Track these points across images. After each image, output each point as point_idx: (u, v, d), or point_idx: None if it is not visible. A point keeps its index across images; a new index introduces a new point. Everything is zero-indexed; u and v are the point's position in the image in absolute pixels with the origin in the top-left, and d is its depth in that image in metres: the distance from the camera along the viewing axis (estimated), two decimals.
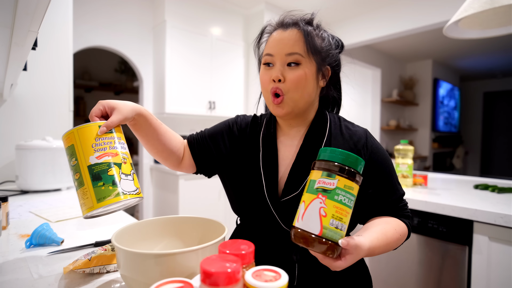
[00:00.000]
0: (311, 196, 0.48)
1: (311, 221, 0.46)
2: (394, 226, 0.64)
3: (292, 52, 0.65)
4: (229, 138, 0.77)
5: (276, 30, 0.69)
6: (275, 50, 0.66)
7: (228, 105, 3.19)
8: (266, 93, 0.69)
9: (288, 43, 0.65)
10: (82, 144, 0.52)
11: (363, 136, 0.70)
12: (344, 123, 0.74)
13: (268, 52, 0.68)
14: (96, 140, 0.53)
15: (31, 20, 0.54)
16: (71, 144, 0.52)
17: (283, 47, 0.65)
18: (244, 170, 0.72)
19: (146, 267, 0.42)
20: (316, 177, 0.49)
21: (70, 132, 0.53)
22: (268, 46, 0.69)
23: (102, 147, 0.53)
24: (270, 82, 0.67)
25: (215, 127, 0.80)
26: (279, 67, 0.66)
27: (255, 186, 0.70)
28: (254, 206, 0.71)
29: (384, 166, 0.68)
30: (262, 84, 0.69)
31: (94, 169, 0.51)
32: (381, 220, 0.65)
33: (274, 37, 0.68)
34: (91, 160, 0.51)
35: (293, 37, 0.65)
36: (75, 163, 0.52)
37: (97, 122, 0.54)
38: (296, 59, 0.65)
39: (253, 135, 0.76)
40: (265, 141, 0.73)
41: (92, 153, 0.52)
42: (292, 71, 0.65)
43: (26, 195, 1.30)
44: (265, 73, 0.68)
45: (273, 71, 0.67)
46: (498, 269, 1.05)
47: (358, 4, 3.11)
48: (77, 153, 0.52)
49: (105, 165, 0.51)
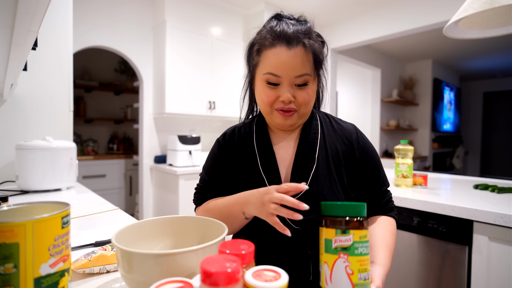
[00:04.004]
0: (332, 257, 0.49)
1: (341, 282, 0.48)
2: (389, 229, 0.70)
3: (302, 74, 0.64)
4: (222, 163, 0.76)
5: (279, 46, 0.64)
6: (283, 72, 0.64)
7: (228, 105, 3.19)
8: (268, 109, 0.68)
9: (297, 65, 0.63)
10: (36, 246, 0.35)
11: (353, 131, 0.75)
12: (333, 119, 0.78)
13: (273, 72, 0.64)
14: (56, 239, 0.37)
15: (31, 20, 0.54)
16: (14, 242, 0.34)
17: (292, 70, 0.63)
18: (247, 180, 0.72)
19: (146, 267, 0.42)
20: (331, 236, 0.50)
21: (19, 224, 0.34)
22: (272, 65, 0.64)
23: (59, 249, 0.38)
24: (276, 102, 0.66)
25: (206, 164, 0.80)
26: (287, 88, 0.64)
27: (257, 183, 0.70)
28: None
29: (374, 160, 0.74)
30: (265, 102, 0.67)
31: (43, 283, 0.36)
32: (378, 229, 0.70)
33: (279, 56, 0.63)
34: (43, 270, 0.36)
35: (301, 58, 0.63)
36: (11, 271, 0.34)
37: (60, 212, 0.38)
38: (305, 80, 0.64)
39: (245, 146, 0.75)
40: (260, 147, 0.73)
41: (46, 259, 0.36)
42: (302, 91, 0.65)
43: (26, 195, 1.30)
44: (269, 92, 0.66)
45: (281, 91, 0.65)
46: (498, 269, 1.05)
47: (358, 4, 3.11)
48: (21, 258, 0.34)
49: (57, 276, 0.38)
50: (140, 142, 2.97)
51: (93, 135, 3.91)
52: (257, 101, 0.73)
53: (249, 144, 0.75)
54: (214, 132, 3.44)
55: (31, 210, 0.42)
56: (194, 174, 2.61)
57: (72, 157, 1.47)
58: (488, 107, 6.51)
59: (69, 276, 0.40)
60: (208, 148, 3.37)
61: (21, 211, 0.42)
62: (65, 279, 0.39)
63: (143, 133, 2.93)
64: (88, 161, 3.32)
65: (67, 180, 1.44)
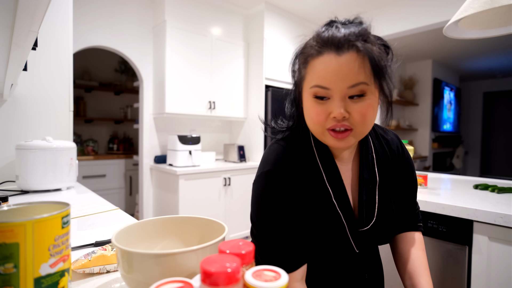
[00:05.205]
0: None
1: None
2: (422, 247, 0.73)
3: (356, 84, 0.52)
4: (292, 203, 0.60)
5: (326, 53, 0.54)
6: (332, 83, 0.53)
7: (228, 105, 3.19)
8: (320, 129, 0.57)
9: (350, 73, 0.52)
10: (36, 246, 0.35)
11: (398, 144, 0.73)
12: (378, 131, 0.72)
13: (321, 85, 0.54)
14: (56, 239, 0.37)
15: (31, 20, 0.54)
16: (14, 242, 0.34)
17: (344, 79, 0.52)
18: (321, 214, 0.62)
19: (146, 267, 0.42)
20: None
21: (19, 224, 0.34)
22: (319, 77, 0.54)
23: (59, 249, 0.38)
24: (327, 119, 0.55)
25: (273, 214, 0.59)
26: (339, 102, 0.54)
27: (332, 219, 0.62)
28: (331, 239, 0.62)
29: (413, 174, 0.74)
30: (314, 120, 0.57)
31: (43, 283, 0.36)
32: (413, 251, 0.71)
33: (327, 65, 0.53)
34: (43, 270, 0.36)
35: (355, 64, 0.52)
36: (11, 271, 0.34)
37: (60, 212, 0.38)
38: (361, 90, 0.53)
39: (308, 164, 0.63)
40: (326, 168, 0.63)
41: (46, 259, 0.36)
42: (357, 104, 0.54)
43: (27, 195, 1.30)
44: (319, 109, 0.56)
45: (332, 107, 0.54)
46: (498, 269, 1.05)
47: (358, 4, 3.11)
48: (21, 258, 0.34)
49: (57, 276, 0.38)
50: (140, 142, 2.98)
51: (93, 135, 3.91)
52: (306, 121, 0.61)
53: (314, 168, 0.63)
54: (214, 132, 3.44)
55: (31, 210, 0.42)
56: (194, 174, 2.62)
57: (72, 157, 1.47)
58: (488, 107, 6.51)
59: (69, 276, 0.40)
60: (208, 148, 3.37)
61: (21, 211, 0.42)
62: (65, 279, 0.39)
63: (143, 133, 2.93)
64: (88, 161, 3.32)
65: (67, 180, 1.44)
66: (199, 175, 2.65)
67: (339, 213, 0.62)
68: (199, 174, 2.65)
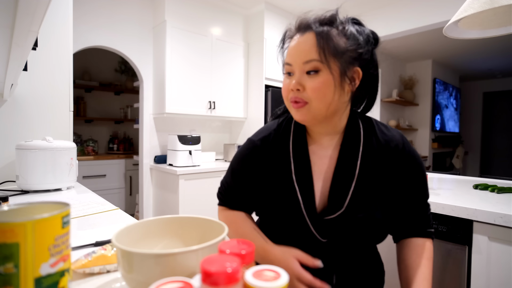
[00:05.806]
0: None
1: None
2: (426, 255, 0.67)
3: (309, 60, 0.60)
4: (253, 169, 0.72)
5: (295, 35, 0.64)
6: (293, 59, 0.63)
7: (228, 105, 3.20)
8: (286, 101, 0.66)
9: (304, 49, 0.61)
10: (36, 246, 0.35)
11: (399, 141, 0.68)
12: (379, 127, 0.70)
13: (287, 61, 0.64)
14: (56, 239, 0.37)
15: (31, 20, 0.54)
16: (14, 242, 0.34)
17: (300, 55, 0.61)
18: (278, 190, 0.68)
19: (146, 267, 0.42)
20: None
21: (19, 224, 0.34)
22: (287, 54, 0.65)
23: (59, 249, 0.38)
24: (289, 91, 0.64)
25: (235, 165, 0.75)
26: (298, 75, 0.62)
27: (290, 202, 0.66)
28: (289, 223, 0.67)
29: (418, 175, 0.68)
30: (283, 93, 0.67)
31: (43, 283, 0.36)
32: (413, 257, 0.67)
33: (291, 44, 0.64)
34: (43, 270, 0.36)
35: (309, 43, 0.60)
36: (11, 271, 0.34)
37: (60, 212, 0.38)
38: (314, 66, 0.60)
39: (281, 145, 0.70)
40: (296, 152, 0.68)
41: (46, 259, 0.36)
42: (311, 79, 0.60)
43: (27, 195, 1.30)
44: (285, 82, 0.65)
45: (292, 80, 0.63)
46: (497, 269, 1.05)
47: (358, 4, 3.11)
48: (21, 258, 0.34)
49: (58, 275, 0.37)
50: (140, 142, 2.98)
51: (93, 135, 3.91)
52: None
53: (285, 145, 0.70)
54: (214, 132, 3.44)
55: (31, 210, 0.42)
56: (194, 174, 2.62)
57: (72, 157, 1.47)
58: (488, 107, 6.51)
59: (69, 276, 0.40)
60: (208, 148, 3.37)
61: (21, 211, 0.42)
62: (65, 279, 0.38)
63: (143, 133, 2.93)
64: (88, 161, 3.32)
65: (67, 180, 1.44)
66: (199, 175, 2.65)
67: (298, 197, 0.66)
68: (199, 174, 2.65)
